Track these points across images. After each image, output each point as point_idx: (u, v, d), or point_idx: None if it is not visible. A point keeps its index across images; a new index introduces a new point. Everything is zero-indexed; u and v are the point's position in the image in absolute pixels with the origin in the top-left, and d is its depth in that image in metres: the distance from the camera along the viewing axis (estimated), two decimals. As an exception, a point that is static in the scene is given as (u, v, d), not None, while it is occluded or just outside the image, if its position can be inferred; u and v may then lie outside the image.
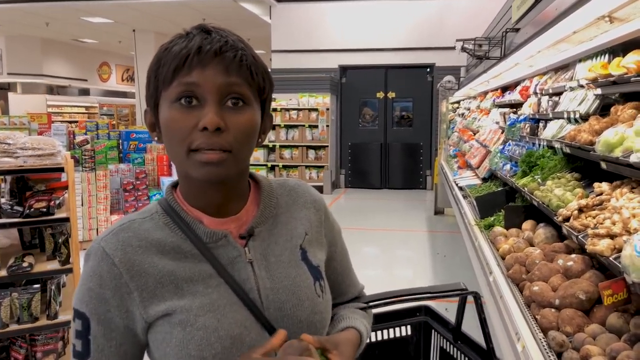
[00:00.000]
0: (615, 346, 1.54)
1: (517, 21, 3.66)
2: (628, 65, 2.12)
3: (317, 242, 0.96)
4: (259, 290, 0.85)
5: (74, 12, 10.70)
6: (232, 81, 0.79)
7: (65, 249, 2.74)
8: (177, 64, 0.77)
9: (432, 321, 1.26)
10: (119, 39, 14.22)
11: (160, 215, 0.86)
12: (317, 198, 1.01)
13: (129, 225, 0.84)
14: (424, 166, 10.37)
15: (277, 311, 0.85)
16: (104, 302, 0.80)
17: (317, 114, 9.67)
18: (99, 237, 0.83)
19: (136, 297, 0.80)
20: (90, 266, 0.81)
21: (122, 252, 0.80)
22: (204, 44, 0.77)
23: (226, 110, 0.79)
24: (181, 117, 0.78)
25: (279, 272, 0.88)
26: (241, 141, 0.80)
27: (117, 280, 0.80)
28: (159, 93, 0.81)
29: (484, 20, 7.71)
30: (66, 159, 2.85)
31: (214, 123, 0.76)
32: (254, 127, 0.82)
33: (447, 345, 1.24)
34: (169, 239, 0.83)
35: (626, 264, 1.47)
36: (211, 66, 0.77)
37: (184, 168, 0.81)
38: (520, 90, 4.30)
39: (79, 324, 0.81)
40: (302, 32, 10.23)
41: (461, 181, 5.49)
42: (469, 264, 4.73)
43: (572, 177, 2.64)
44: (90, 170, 5.79)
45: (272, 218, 0.92)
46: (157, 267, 0.81)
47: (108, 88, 18.49)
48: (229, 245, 0.85)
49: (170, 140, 0.81)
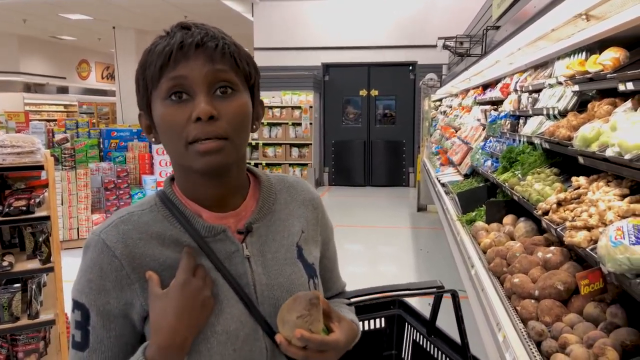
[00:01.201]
0: (592, 334, 1.58)
1: (497, 19, 3.71)
2: (604, 63, 2.17)
3: (312, 240, 0.98)
4: (255, 286, 0.86)
5: (52, 9, 10.51)
6: (218, 68, 0.80)
7: (46, 247, 2.70)
8: (162, 62, 0.79)
9: (406, 314, 1.28)
10: (99, 36, 14.00)
11: (159, 208, 0.86)
12: (315, 196, 1.02)
13: (129, 217, 0.84)
14: (407, 163, 10.46)
15: (271, 307, 0.86)
16: (104, 293, 0.80)
17: (301, 112, 9.67)
18: (98, 229, 0.84)
19: (137, 287, 0.81)
20: (90, 258, 0.82)
21: (122, 245, 0.81)
22: (185, 38, 0.79)
23: (216, 99, 0.80)
24: (174, 112, 0.79)
25: (275, 269, 0.89)
26: (236, 127, 0.81)
27: (119, 272, 0.80)
28: (149, 94, 0.83)
29: (465, 19, 7.80)
30: (46, 157, 2.81)
31: (206, 112, 0.77)
32: (246, 112, 0.83)
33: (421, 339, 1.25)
34: (168, 231, 0.84)
35: (602, 254, 1.51)
36: (195, 57, 0.79)
37: (185, 161, 0.82)
38: (501, 87, 4.37)
39: (79, 315, 0.82)
40: (285, 29, 10.22)
41: (443, 177, 5.55)
42: (452, 259, 4.79)
43: (552, 172, 2.69)
44: (70, 169, 5.71)
45: (270, 214, 0.93)
46: (158, 260, 0.82)
47: (87, 86, 18.19)
48: (227, 240, 0.86)
49: (167, 137, 0.82)
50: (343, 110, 10.70)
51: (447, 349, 1.16)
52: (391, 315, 1.36)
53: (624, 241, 1.43)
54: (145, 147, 6.32)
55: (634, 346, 1.50)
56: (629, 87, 1.89)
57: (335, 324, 0.85)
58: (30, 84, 16.33)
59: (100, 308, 0.81)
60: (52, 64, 16.26)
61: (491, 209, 3.13)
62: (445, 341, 1.18)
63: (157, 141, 0.86)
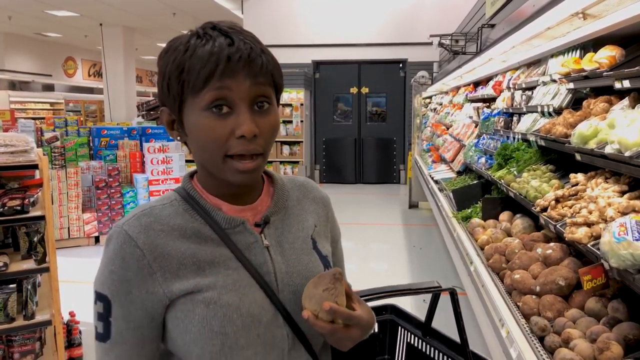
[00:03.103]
0: (595, 329, 1.61)
1: (491, 17, 3.74)
2: (600, 61, 2.20)
3: (324, 235, 1.01)
4: (276, 274, 0.89)
5: (38, 5, 10.34)
6: (260, 84, 0.82)
7: (41, 247, 2.67)
8: (208, 72, 0.79)
9: (399, 319, 1.29)
10: (85, 33, 13.81)
11: (179, 202, 0.89)
12: (324, 195, 1.06)
13: (150, 211, 0.87)
14: (398, 161, 10.50)
15: (291, 294, 0.89)
16: (126, 284, 0.82)
17: (291, 110, 9.65)
18: (120, 222, 0.85)
19: (159, 277, 0.82)
20: (112, 249, 0.83)
21: (145, 235, 0.83)
22: (231, 53, 0.79)
23: (255, 114, 0.82)
24: (216, 125, 0.81)
25: (293, 257, 0.92)
26: (270, 142, 0.86)
27: (140, 261, 0.82)
28: (184, 97, 0.83)
29: (455, 16, 7.84)
30: (39, 156, 2.77)
31: (252, 131, 0.80)
32: (278, 127, 0.88)
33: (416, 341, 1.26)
34: (189, 224, 0.87)
35: (605, 250, 1.54)
36: (242, 74, 0.80)
37: (219, 172, 0.84)
38: (493, 85, 4.40)
39: (101, 307, 0.83)
40: (275, 27, 10.18)
41: (436, 175, 5.59)
42: (444, 255, 4.83)
43: (547, 169, 2.73)
44: (60, 168, 5.63)
45: (285, 209, 0.96)
46: (180, 249, 0.84)
47: (74, 84, 17.91)
48: (246, 232, 0.89)
49: (203, 146, 0.83)
50: (334, 108, 10.70)
51: (444, 348, 1.16)
52: (384, 320, 1.38)
53: (627, 237, 1.46)
54: (136, 146, 6.26)
55: (637, 340, 1.53)
56: (626, 84, 1.92)
57: (356, 304, 0.88)
58: (15, 82, 16.06)
59: (122, 298, 0.82)
60: (37, 61, 16.00)
61: (487, 205, 3.16)
62: (442, 341, 1.18)
63: (182, 140, 0.88)
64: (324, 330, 0.81)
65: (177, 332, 0.84)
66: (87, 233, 5.78)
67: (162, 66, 0.84)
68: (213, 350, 0.82)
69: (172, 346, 0.86)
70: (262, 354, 0.85)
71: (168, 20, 11.42)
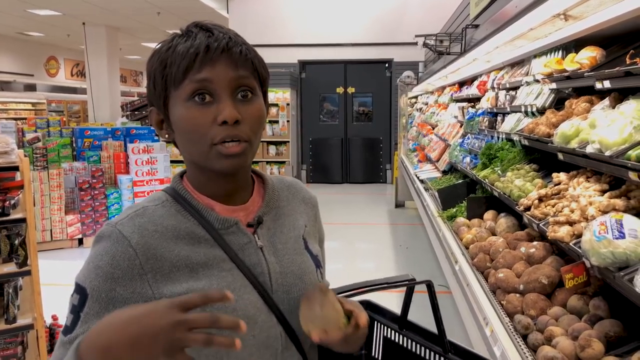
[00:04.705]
0: (577, 326, 1.63)
1: (475, 17, 3.77)
2: (582, 61, 2.23)
3: (313, 235, 1.03)
4: (270, 274, 0.89)
5: (19, 4, 10.17)
6: (241, 74, 0.83)
7: (23, 250, 2.62)
8: (187, 63, 0.80)
9: (374, 314, 1.30)
10: (68, 32, 13.61)
11: (171, 203, 0.88)
12: (312, 196, 1.07)
13: (143, 211, 0.86)
14: (384, 160, 10.53)
15: (285, 294, 0.89)
16: (111, 281, 0.81)
17: (278, 109, 9.63)
18: (113, 221, 0.85)
19: (150, 278, 0.82)
20: (102, 246, 0.83)
21: (138, 235, 0.83)
22: (210, 42, 0.81)
23: (238, 102, 0.83)
24: (198, 114, 0.82)
25: (287, 258, 0.93)
26: (255, 131, 0.85)
27: (131, 261, 0.81)
28: (168, 92, 0.84)
29: (440, 16, 7.89)
30: (20, 158, 2.73)
31: (233, 116, 0.81)
32: (263, 116, 0.88)
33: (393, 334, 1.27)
34: (182, 225, 0.86)
35: (586, 248, 1.56)
36: (220, 62, 0.81)
37: (206, 161, 0.84)
38: (478, 85, 4.44)
39: (77, 299, 0.82)
40: (261, 26, 10.14)
41: (422, 174, 5.62)
42: (430, 254, 4.86)
43: (531, 168, 2.75)
44: (42, 169, 5.54)
45: (276, 209, 0.96)
46: (173, 252, 0.84)
47: (56, 83, 17.66)
48: (239, 232, 0.89)
49: (188, 137, 0.84)
50: (320, 108, 10.71)
51: (421, 340, 1.17)
52: None
53: (607, 235, 1.48)
54: (121, 146, 6.19)
55: (618, 337, 1.55)
56: (606, 85, 1.95)
57: (346, 304, 0.88)
58: (-4, 82, 15.79)
59: (102, 295, 0.80)
60: (19, 61, 15.73)
61: (472, 204, 3.19)
62: (419, 333, 1.19)
63: (170, 138, 0.88)
64: (338, 339, 0.83)
65: None
66: (71, 235, 5.70)
67: (149, 68, 0.86)
68: (208, 352, 0.82)
69: None
70: (256, 354, 0.86)
71: (152, 20, 11.31)
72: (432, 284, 1.15)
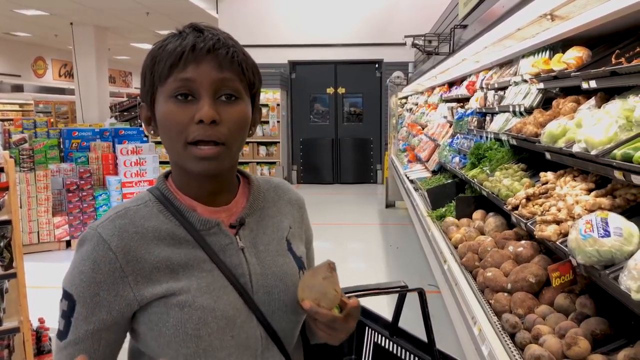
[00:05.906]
0: (564, 324, 1.64)
1: (463, 18, 3.78)
2: (568, 61, 2.25)
3: (298, 236, 1.02)
4: (250, 275, 0.89)
5: (6, 4, 10.05)
6: (225, 77, 0.83)
7: (8, 253, 2.59)
8: (172, 61, 0.81)
9: (366, 319, 1.30)
10: (56, 33, 13.47)
11: (153, 203, 0.89)
12: (299, 197, 1.07)
13: (125, 212, 0.86)
14: (375, 160, 10.55)
15: (266, 295, 0.89)
16: (95, 286, 0.82)
17: (268, 110, 9.60)
18: (95, 224, 0.85)
19: (131, 280, 0.82)
20: (85, 250, 0.83)
21: (118, 238, 0.83)
22: (197, 42, 0.82)
23: (220, 104, 0.83)
24: (178, 111, 0.82)
25: (268, 259, 0.92)
26: (234, 133, 0.84)
27: (112, 264, 0.82)
28: (155, 89, 0.85)
29: (430, 16, 7.92)
30: (5, 159, 2.69)
31: (209, 116, 0.80)
32: (246, 120, 0.87)
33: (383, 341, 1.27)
34: (163, 225, 0.86)
35: (572, 247, 1.57)
36: (205, 63, 0.82)
37: (181, 161, 0.85)
38: (467, 85, 4.46)
39: (65, 305, 0.83)
40: (251, 26, 10.12)
41: (412, 174, 5.63)
42: (421, 255, 4.87)
43: (519, 168, 2.77)
44: (29, 171, 5.48)
45: (260, 211, 0.96)
46: (153, 253, 0.84)
47: (44, 84, 17.47)
48: (220, 233, 0.89)
49: (167, 134, 0.84)
50: (311, 108, 10.70)
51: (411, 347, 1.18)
52: None
53: (593, 234, 1.49)
54: (109, 147, 6.13)
55: (604, 335, 1.56)
56: (592, 85, 1.96)
57: (346, 299, 0.89)
58: (-18, 83, 15.59)
59: (88, 300, 0.82)
60: (6, 62, 15.55)
61: (461, 204, 3.20)
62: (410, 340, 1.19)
63: (156, 134, 0.89)
64: (326, 318, 0.84)
65: (150, 335, 0.84)
66: (58, 237, 5.64)
67: (143, 64, 0.87)
68: (187, 352, 0.82)
69: (145, 348, 0.87)
70: (235, 354, 0.86)
71: (142, 20, 11.24)
72: (423, 291, 1.15)
